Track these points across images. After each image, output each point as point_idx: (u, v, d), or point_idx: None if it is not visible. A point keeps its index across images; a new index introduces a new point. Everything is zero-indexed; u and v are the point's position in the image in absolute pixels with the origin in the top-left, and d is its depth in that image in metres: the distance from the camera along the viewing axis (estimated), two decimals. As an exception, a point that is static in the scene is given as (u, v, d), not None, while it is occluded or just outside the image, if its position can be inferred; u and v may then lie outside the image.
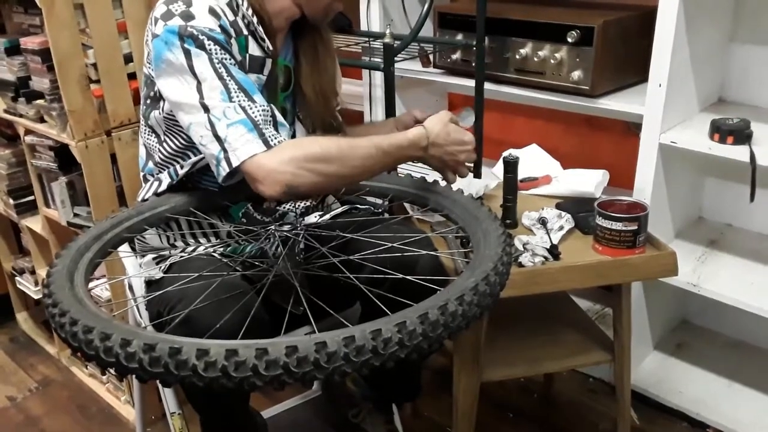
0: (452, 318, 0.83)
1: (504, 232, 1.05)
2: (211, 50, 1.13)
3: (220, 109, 1.11)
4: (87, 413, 1.94)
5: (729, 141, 1.50)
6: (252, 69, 1.23)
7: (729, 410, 1.75)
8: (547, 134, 2.16)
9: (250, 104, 1.12)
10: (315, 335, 0.77)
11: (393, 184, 1.33)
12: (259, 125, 1.11)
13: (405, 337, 0.79)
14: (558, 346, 1.52)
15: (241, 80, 1.14)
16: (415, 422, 1.80)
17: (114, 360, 0.79)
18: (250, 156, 1.10)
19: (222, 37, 1.14)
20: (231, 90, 1.12)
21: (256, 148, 1.10)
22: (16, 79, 1.80)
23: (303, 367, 0.75)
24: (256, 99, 1.14)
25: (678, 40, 1.53)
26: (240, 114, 1.11)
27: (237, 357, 0.75)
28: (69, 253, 1.05)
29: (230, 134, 1.10)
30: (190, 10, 1.15)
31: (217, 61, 1.13)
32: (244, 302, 1.03)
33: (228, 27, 1.17)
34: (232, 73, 1.14)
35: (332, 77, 1.38)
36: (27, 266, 2.20)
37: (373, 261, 1.11)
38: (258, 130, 1.11)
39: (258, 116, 1.12)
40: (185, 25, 1.13)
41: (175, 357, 0.76)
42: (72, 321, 0.84)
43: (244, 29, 1.21)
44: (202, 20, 1.14)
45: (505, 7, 1.87)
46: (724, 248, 1.80)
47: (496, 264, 0.94)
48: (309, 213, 1.36)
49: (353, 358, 0.76)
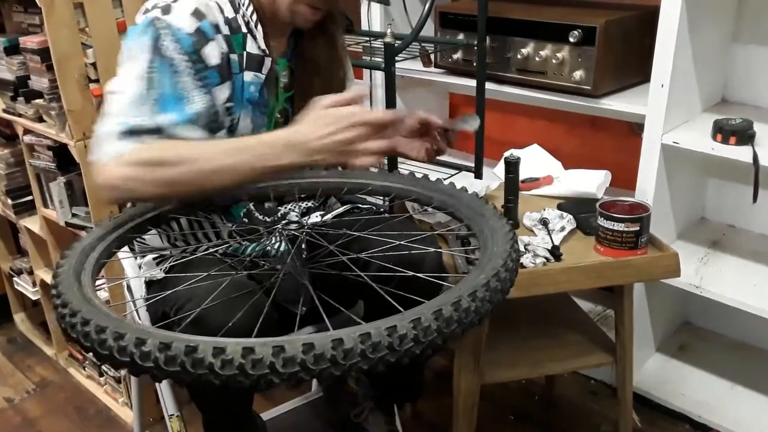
0: (465, 314, 0.83)
1: (511, 229, 1.05)
2: (163, 47, 1.10)
3: (121, 106, 1.07)
4: (85, 415, 1.93)
5: (732, 141, 1.50)
6: (249, 67, 1.22)
7: (731, 412, 1.74)
8: (548, 134, 2.15)
9: (147, 115, 1.06)
10: (331, 332, 0.77)
11: (396, 183, 1.32)
12: (134, 133, 1.05)
13: (420, 333, 0.79)
14: (559, 347, 1.52)
15: (167, 93, 1.08)
16: (415, 423, 1.80)
17: (129, 359, 0.78)
18: (100, 158, 1.04)
19: (190, 40, 1.12)
20: (145, 95, 1.08)
21: (114, 149, 1.04)
22: (15, 79, 1.79)
23: (320, 364, 0.75)
24: (168, 111, 1.08)
25: (680, 40, 1.52)
26: (129, 118, 1.05)
27: (254, 355, 0.74)
28: (74, 254, 1.04)
29: (105, 130, 1.06)
30: (172, 5, 1.14)
31: (158, 62, 1.09)
32: (254, 301, 1.03)
33: (209, 28, 1.14)
34: (164, 81, 1.08)
35: (337, 82, 1.35)
36: (25, 267, 2.19)
37: (380, 259, 1.11)
38: (130, 138, 1.05)
39: (143, 124, 1.05)
40: (158, 17, 1.12)
41: (191, 355, 0.75)
42: (84, 321, 0.83)
43: (243, 27, 1.20)
44: (177, 18, 1.12)
45: (506, 7, 1.87)
46: (726, 249, 1.79)
47: (505, 260, 0.94)
48: (310, 213, 1.36)
49: (369, 355, 0.76)
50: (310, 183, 1.32)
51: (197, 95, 1.13)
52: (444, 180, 1.31)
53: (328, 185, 1.34)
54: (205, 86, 1.15)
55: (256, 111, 1.26)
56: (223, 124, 1.20)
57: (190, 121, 1.11)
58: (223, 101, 1.18)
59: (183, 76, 1.11)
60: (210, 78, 1.15)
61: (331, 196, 1.42)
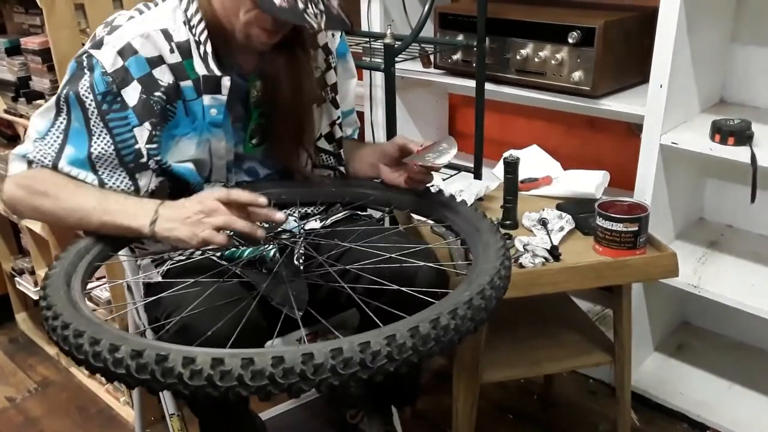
0: (444, 332, 0.82)
1: (504, 245, 1.04)
2: (78, 83, 1.13)
3: (30, 134, 1.16)
4: (86, 414, 1.94)
5: (730, 142, 1.50)
6: (207, 90, 1.18)
7: (729, 412, 1.75)
8: (547, 135, 2.15)
9: (47, 150, 1.14)
10: (302, 346, 0.76)
11: (396, 194, 1.32)
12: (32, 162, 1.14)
13: (394, 350, 0.77)
14: (558, 347, 1.52)
15: (72, 128, 1.13)
16: (414, 423, 1.80)
17: (102, 365, 0.79)
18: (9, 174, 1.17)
19: (106, 80, 1.11)
20: (49, 128, 1.15)
21: (16, 169, 1.16)
22: (17, 79, 1.80)
23: (289, 379, 0.74)
24: (69, 145, 1.14)
25: (679, 41, 1.52)
26: (32, 151, 1.14)
27: (223, 366, 0.74)
28: (68, 256, 1.05)
29: (15, 152, 1.17)
30: (106, 38, 1.14)
31: (72, 97, 1.13)
32: (240, 309, 1.02)
33: (140, 65, 1.12)
34: (73, 115, 1.13)
35: (310, 97, 1.30)
36: (26, 267, 2.19)
37: (371, 272, 1.10)
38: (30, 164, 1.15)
39: (41, 159, 1.14)
40: (87, 51, 1.14)
41: (161, 364, 0.75)
42: (64, 324, 0.84)
43: (194, 49, 1.17)
44: (103, 55, 1.12)
45: (505, 8, 1.87)
46: (724, 249, 1.80)
47: (492, 278, 0.93)
48: (309, 217, 1.36)
49: (340, 371, 0.75)
50: (311, 191, 1.32)
51: (99, 137, 1.14)
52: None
53: (328, 194, 1.33)
54: (117, 127, 1.13)
55: (227, 131, 1.23)
56: (147, 165, 1.16)
57: (85, 160, 1.14)
58: (144, 141, 1.15)
59: (89, 115, 1.13)
60: (128, 119, 1.14)
61: (331, 205, 1.41)
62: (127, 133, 1.14)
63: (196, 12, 1.16)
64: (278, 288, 1.10)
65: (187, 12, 1.17)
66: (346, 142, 1.44)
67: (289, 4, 1.07)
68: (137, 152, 1.15)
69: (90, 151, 1.13)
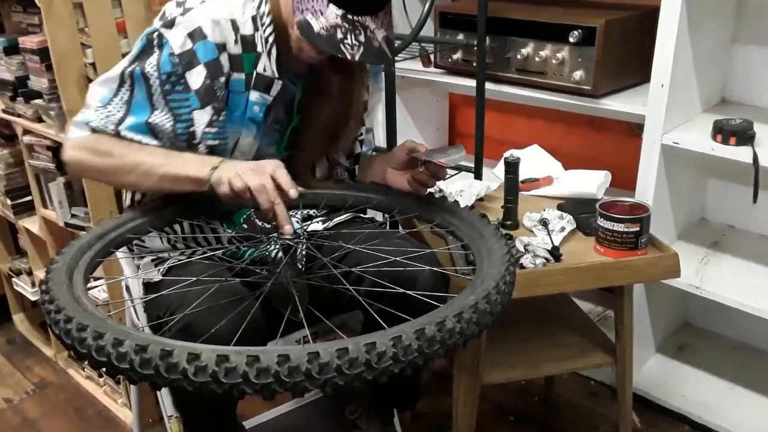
0: (449, 335, 0.82)
1: (508, 251, 1.04)
2: (146, 60, 1.14)
3: (92, 103, 1.18)
4: (84, 416, 1.93)
5: (732, 142, 1.50)
6: (257, 87, 1.20)
7: (731, 413, 1.74)
8: (548, 135, 2.15)
9: (109, 118, 1.17)
10: (308, 345, 0.76)
11: (400, 199, 1.32)
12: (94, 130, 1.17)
13: (400, 351, 0.78)
14: (559, 348, 1.51)
15: (134, 100, 1.16)
16: (414, 424, 1.79)
17: (105, 360, 0.78)
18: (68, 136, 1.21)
19: (173, 61, 1.13)
20: (111, 98, 1.17)
21: (77, 134, 1.18)
22: (15, 79, 1.79)
23: (294, 377, 0.74)
24: (130, 115, 1.16)
25: (680, 41, 1.52)
26: (94, 119, 1.17)
27: (228, 363, 0.74)
28: (70, 251, 1.05)
29: (76, 119, 1.19)
30: (178, 18, 1.15)
31: (138, 72, 1.15)
32: (242, 308, 1.03)
33: (207, 49, 1.14)
34: (135, 89, 1.16)
35: (348, 114, 1.32)
36: (24, 267, 2.18)
37: (373, 274, 1.10)
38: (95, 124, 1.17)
39: (104, 128, 1.16)
40: (158, 30, 1.15)
41: (166, 359, 0.75)
42: (67, 318, 0.84)
43: (260, 46, 1.19)
44: (173, 37, 1.14)
45: (506, 7, 1.87)
46: (726, 250, 1.79)
47: (498, 283, 0.93)
48: (312, 219, 1.35)
49: (346, 371, 0.75)
50: (314, 194, 1.31)
51: (161, 111, 1.16)
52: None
53: (331, 197, 1.33)
54: (178, 108, 1.16)
55: (261, 129, 1.25)
56: (197, 148, 1.18)
57: (145, 125, 1.16)
58: (204, 125, 1.17)
59: (152, 91, 1.15)
60: (190, 101, 1.16)
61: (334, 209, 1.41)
62: (187, 115, 1.16)
63: (268, 13, 1.19)
64: (280, 289, 1.09)
65: (259, 9, 1.19)
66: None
67: (327, 32, 1.10)
68: (191, 134, 1.17)
69: (149, 120, 1.16)
